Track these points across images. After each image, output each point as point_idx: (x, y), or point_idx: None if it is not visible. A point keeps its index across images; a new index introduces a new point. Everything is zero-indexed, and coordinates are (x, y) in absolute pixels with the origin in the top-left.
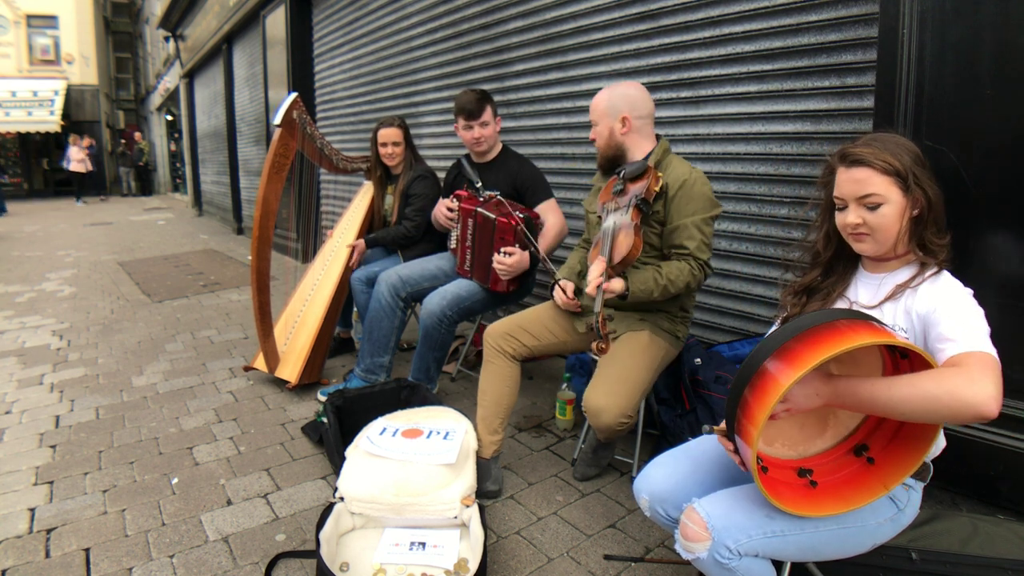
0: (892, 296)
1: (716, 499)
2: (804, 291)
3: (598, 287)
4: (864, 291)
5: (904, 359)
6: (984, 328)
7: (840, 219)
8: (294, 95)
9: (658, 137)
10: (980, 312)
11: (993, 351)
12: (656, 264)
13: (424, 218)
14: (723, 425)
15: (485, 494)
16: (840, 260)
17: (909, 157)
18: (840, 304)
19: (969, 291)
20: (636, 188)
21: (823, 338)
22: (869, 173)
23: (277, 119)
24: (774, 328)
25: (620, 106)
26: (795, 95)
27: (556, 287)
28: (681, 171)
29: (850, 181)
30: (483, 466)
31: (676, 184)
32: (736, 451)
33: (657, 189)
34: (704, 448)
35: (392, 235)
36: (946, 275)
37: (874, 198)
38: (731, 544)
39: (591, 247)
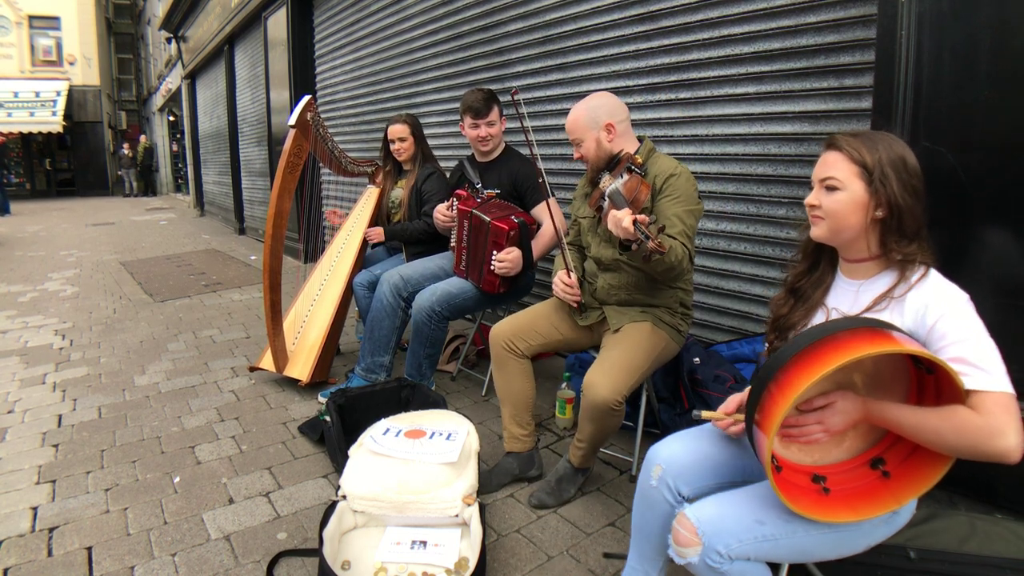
0: (873, 307)
1: (706, 504)
2: (792, 292)
3: (634, 221)
4: (843, 298)
5: (930, 374)
6: (997, 351)
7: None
8: (308, 97)
9: (640, 139)
10: (982, 323)
11: (1011, 387)
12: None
13: None
14: (714, 412)
15: (529, 479)
16: (823, 254)
17: (888, 157)
18: (819, 314)
19: (966, 296)
20: (618, 169)
21: (847, 342)
22: (838, 158)
23: (292, 120)
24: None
25: (600, 116)
26: (793, 96)
27: (558, 275)
28: (668, 165)
29: (821, 163)
30: (525, 458)
31: (663, 177)
32: (747, 436)
33: (641, 160)
34: (721, 439)
35: (411, 229)
36: (935, 277)
37: (832, 181)
38: (721, 548)
39: (603, 215)
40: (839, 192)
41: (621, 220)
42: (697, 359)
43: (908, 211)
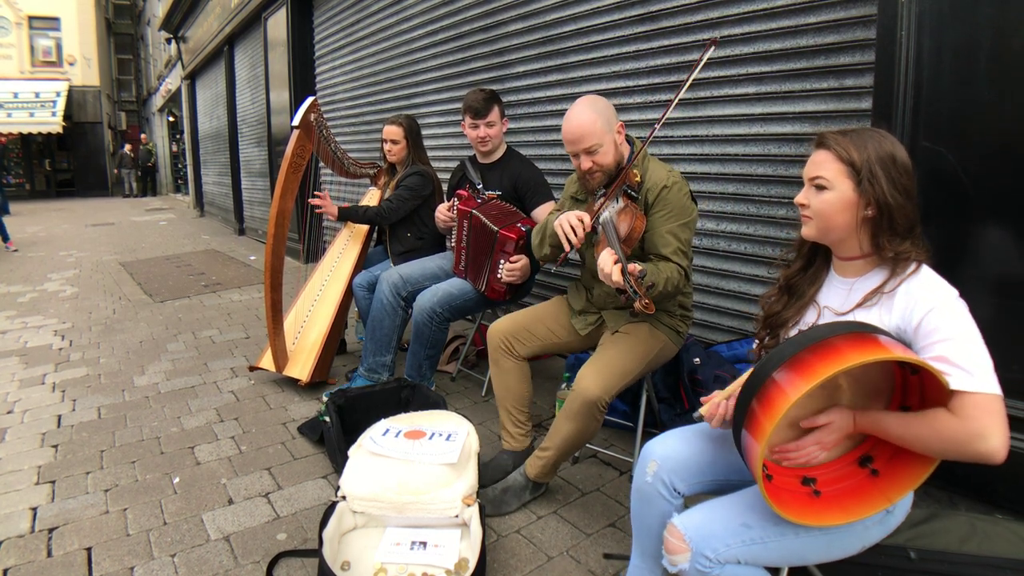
0: (864, 303)
1: (693, 512)
2: (785, 288)
3: (623, 271)
4: (835, 296)
5: (914, 375)
6: (985, 350)
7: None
8: (312, 98)
9: (630, 140)
10: (973, 321)
11: (998, 387)
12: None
13: (400, 206)
14: (709, 408)
15: None
16: (819, 252)
17: (877, 156)
18: (811, 312)
19: (955, 293)
20: (615, 187)
21: (835, 350)
22: (827, 157)
23: (296, 120)
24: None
25: (611, 117)
26: (794, 97)
27: (572, 213)
28: (659, 177)
29: (811, 162)
30: (520, 456)
31: (655, 191)
32: (735, 443)
33: (638, 180)
34: (717, 435)
35: (363, 210)
36: (926, 273)
37: (821, 180)
38: (709, 553)
39: (595, 246)
40: (827, 192)
41: (611, 274)
42: (697, 359)
43: (898, 209)
